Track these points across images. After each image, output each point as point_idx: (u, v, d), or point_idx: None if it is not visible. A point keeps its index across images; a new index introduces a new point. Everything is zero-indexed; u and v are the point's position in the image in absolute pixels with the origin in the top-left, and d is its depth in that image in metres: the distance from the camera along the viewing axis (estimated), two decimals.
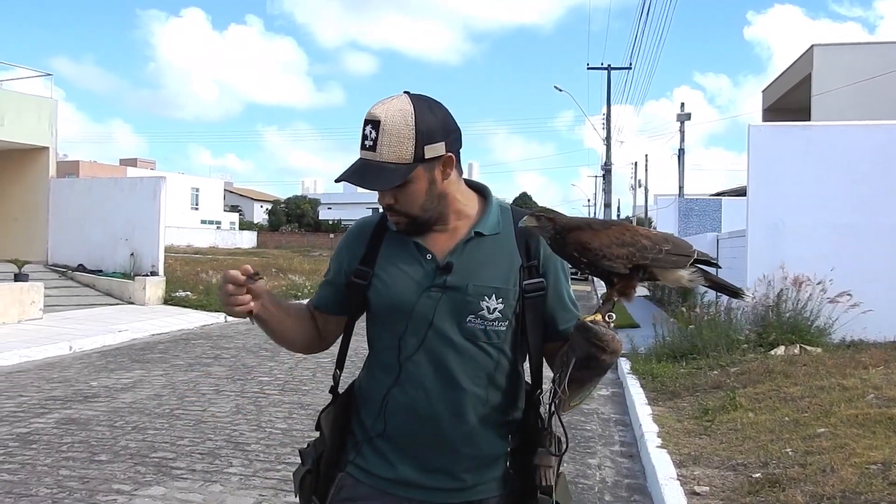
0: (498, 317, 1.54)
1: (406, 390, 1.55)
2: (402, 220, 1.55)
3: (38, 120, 16.06)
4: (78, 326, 11.12)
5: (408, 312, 1.54)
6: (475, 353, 1.54)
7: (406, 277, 1.56)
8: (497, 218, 1.61)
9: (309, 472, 1.64)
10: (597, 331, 1.36)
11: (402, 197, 1.52)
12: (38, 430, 5.62)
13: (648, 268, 1.39)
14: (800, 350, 7.79)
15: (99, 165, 53.25)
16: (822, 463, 4.29)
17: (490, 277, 1.55)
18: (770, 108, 22.56)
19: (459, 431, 1.54)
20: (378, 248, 1.62)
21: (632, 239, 1.38)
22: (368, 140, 1.48)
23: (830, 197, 8.83)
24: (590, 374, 1.41)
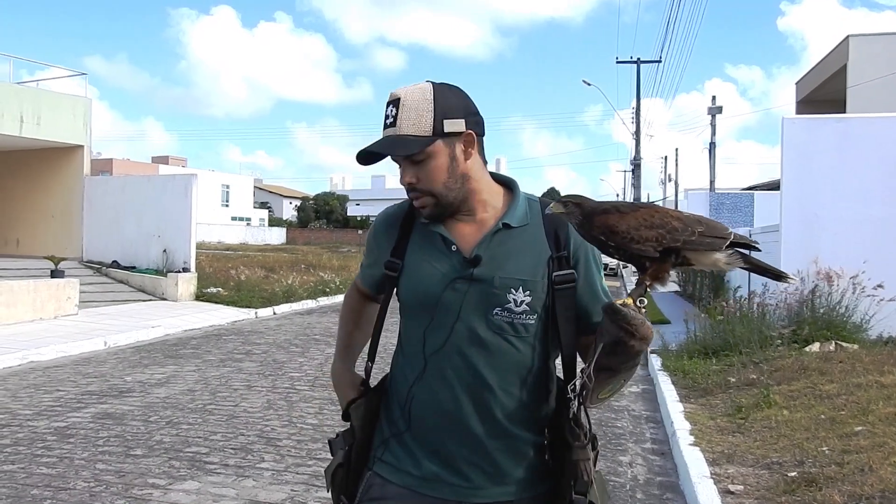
0: (525, 310, 1.51)
1: (431, 385, 1.53)
2: (426, 202, 1.53)
3: (72, 118, 16.34)
4: (112, 322, 11.31)
5: (433, 305, 1.53)
6: (502, 347, 1.52)
7: (432, 269, 1.55)
8: (525, 209, 1.59)
9: (340, 465, 1.63)
10: (626, 313, 1.30)
11: (423, 174, 1.51)
12: (75, 424, 5.73)
13: (680, 251, 1.32)
14: (835, 347, 7.65)
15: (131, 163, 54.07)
16: (859, 462, 4.21)
17: (517, 269, 1.52)
18: (804, 101, 22.17)
19: (487, 428, 1.52)
20: (407, 239, 1.61)
21: (661, 221, 1.32)
22: (389, 118, 1.50)
23: (866, 190, 8.66)
24: (617, 361, 1.35)
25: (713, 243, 1.32)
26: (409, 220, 1.63)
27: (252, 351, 9.52)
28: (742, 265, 1.36)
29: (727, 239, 1.33)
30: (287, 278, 17.36)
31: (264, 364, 8.52)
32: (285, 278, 17.37)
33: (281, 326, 12.30)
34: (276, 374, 7.89)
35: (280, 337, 10.91)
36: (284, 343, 10.26)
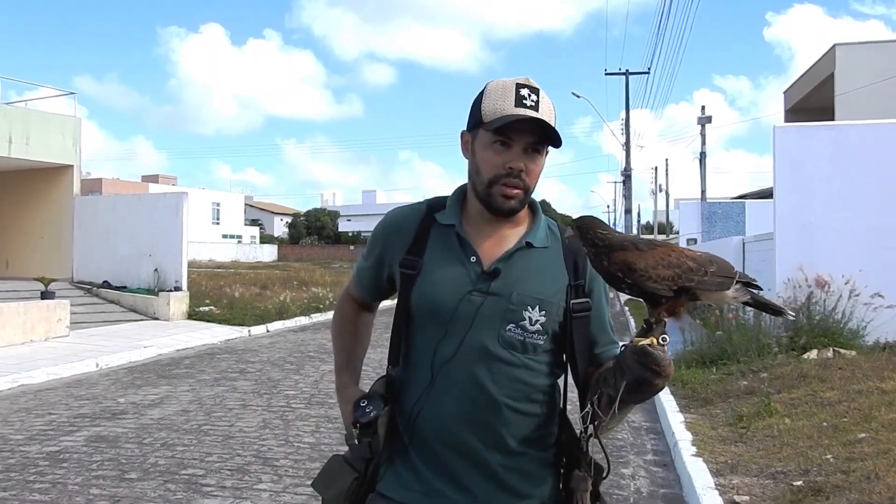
0: (539, 329, 1.50)
1: (439, 399, 1.50)
2: (519, 195, 1.51)
3: (62, 138, 16.26)
4: (104, 343, 11.19)
5: (448, 316, 1.49)
6: (511, 364, 1.49)
7: (449, 277, 1.51)
8: (546, 232, 1.58)
9: (357, 479, 1.55)
10: (656, 355, 1.31)
11: (530, 167, 1.50)
12: (67, 448, 5.63)
13: (693, 290, 1.35)
14: (833, 353, 7.63)
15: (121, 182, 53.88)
16: (865, 469, 4.16)
17: (536, 289, 1.51)
18: (792, 109, 22.33)
19: (492, 445, 1.49)
20: (426, 239, 1.56)
21: (678, 260, 1.34)
22: (530, 101, 1.48)
23: (860, 197, 8.68)
24: (639, 397, 1.37)
25: (723, 283, 1.36)
26: (427, 222, 1.58)
27: (246, 369, 9.42)
28: (745, 301, 1.40)
29: (734, 278, 1.37)
30: (279, 295, 17.26)
31: (259, 382, 8.43)
32: (278, 295, 17.28)
33: (275, 344, 12.20)
34: (271, 393, 7.80)
35: (274, 354, 10.82)
36: (279, 361, 10.16)
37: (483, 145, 1.50)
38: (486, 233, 1.55)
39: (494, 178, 1.49)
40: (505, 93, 1.47)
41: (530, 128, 1.46)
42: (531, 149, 1.48)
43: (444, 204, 1.60)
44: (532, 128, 1.47)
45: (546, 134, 1.48)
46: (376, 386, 1.59)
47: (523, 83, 1.48)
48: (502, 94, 1.48)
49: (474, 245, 1.53)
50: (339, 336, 1.77)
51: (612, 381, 1.37)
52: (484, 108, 1.48)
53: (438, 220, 1.58)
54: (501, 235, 1.55)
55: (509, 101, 1.46)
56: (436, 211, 1.59)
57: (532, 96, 1.47)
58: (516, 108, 1.46)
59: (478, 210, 1.56)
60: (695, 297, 1.37)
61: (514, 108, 1.46)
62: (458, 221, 1.56)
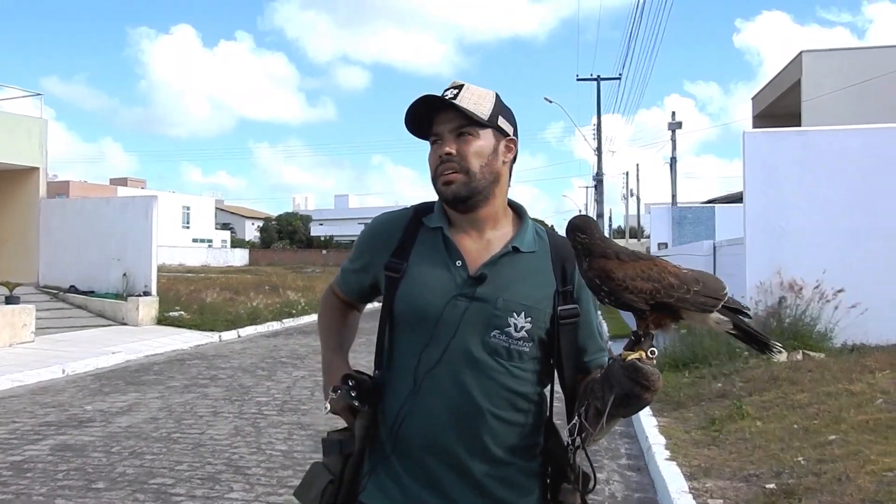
0: (524, 336, 1.48)
1: (422, 405, 1.47)
2: (458, 178, 1.50)
3: (28, 140, 15.94)
4: (71, 349, 10.97)
5: (433, 321, 1.46)
6: (496, 371, 1.47)
7: (434, 282, 1.49)
8: (533, 236, 1.57)
9: (332, 482, 1.52)
10: (645, 370, 1.28)
11: (464, 148, 1.50)
12: (32, 457, 5.49)
13: (672, 306, 1.33)
14: (803, 356, 7.73)
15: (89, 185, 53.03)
16: (836, 471, 4.21)
17: (522, 295, 1.49)
18: (760, 115, 22.67)
19: (475, 453, 1.46)
20: (412, 242, 1.55)
21: (658, 275, 1.33)
22: (449, 94, 1.50)
23: (829, 201, 8.82)
24: (627, 411, 1.35)
25: (706, 303, 1.33)
26: (414, 225, 1.57)
27: (217, 376, 9.29)
28: (731, 330, 1.38)
29: (721, 301, 1.34)
30: (251, 300, 17.09)
31: (230, 389, 8.32)
32: (249, 300, 17.10)
33: (246, 349, 12.06)
34: (242, 400, 7.69)
35: (246, 360, 10.69)
36: (250, 367, 10.04)
37: (429, 152, 1.55)
38: (472, 236, 1.54)
39: (435, 173, 1.52)
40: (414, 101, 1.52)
41: (451, 115, 1.50)
42: (458, 134, 1.50)
43: (432, 208, 1.59)
44: (453, 115, 1.49)
45: (469, 118, 1.49)
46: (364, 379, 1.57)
47: (449, 85, 1.53)
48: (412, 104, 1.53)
49: (460, 249, 1.52)
50: (328, 324, 1.74)
51: (600, 393, 1.35)
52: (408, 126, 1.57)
53: (426, 223, 1.56)
54: (487, 240, 1.54)
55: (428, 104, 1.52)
56: (423, 215, 1.59)
57: (453, 92, 1.50)
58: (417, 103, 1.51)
59: (454, 214, 1.56)
60: (678, 315, 1.35)
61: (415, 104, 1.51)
62: (446, 224, 1.55)
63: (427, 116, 1.53)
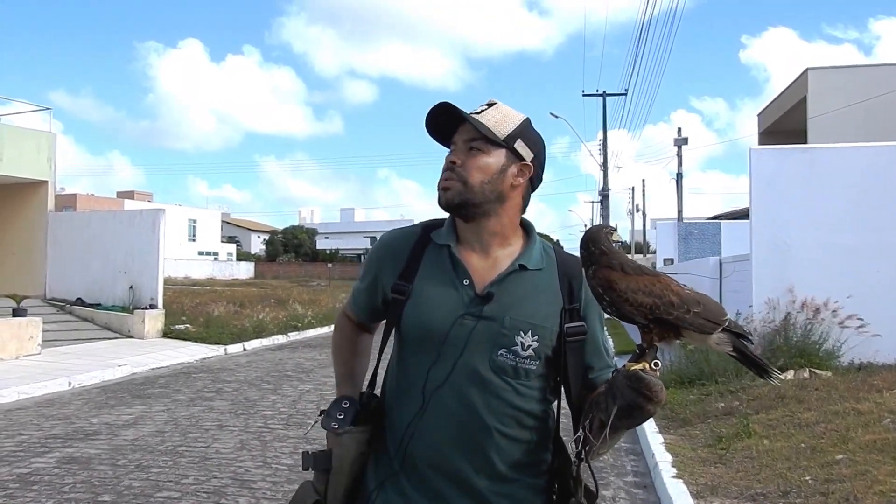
0: (531, 354, 1.49)
1: (430, 424, 1.48)
2: (455, 186, 1.51)
3: (36, 154, 16.05)
4: (77, 361, 10.99)
5: (440, 340, 1.48)
6: (503, 389, 1.48)
7: (441, 301, 1.51)
8: (540, 253, 1.58)
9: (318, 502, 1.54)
10: (649, 381, 1.31)
11: (469, 162, 1.52)
12: (38, 470, 5.50)
13: (671, 324, 1.35)
14: (809, 374, 7.70)
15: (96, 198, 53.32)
16: (844, 491, 4.19)
17: (529, 313, 1.50)
18: (766, 132, 22.69)
19: (483, 471, 1.48)
20: (418, 263, 1.56)
21: (661, 291, 1.36)
22: (478, 109, 1.54)
23: (835, 218, 8.80)
24: (631, 422, 1.37)
25: (704, 325, 1.36)
26: (421, 245, 1.59)
27: (223, 389, 9.30)
28: (730, 352, 1.40)
29: (721, 325, 1.36)
30: (257, 313, 17.11)
31: (236, 402, 8.32)
32: (255, 313, 17.12)
33: (251, 363, 12.07)
34: (248, 413, 7.70)
35: (251, 374, 10.69)
36: (256, 380, 10.04)
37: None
38: (479, 255, 1.55)
39: (439, 180, 1.55)
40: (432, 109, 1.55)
41: (467, 128, 1.52)
42: (472, 147, 1.52)
43: (442, 224, 1.61)
44: (468, 127, 1.52)
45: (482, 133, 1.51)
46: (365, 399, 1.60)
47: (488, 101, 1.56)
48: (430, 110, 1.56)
49: (467, 267, 1.53)
50: (338, 353, 1.75)
51: (604, 405, 1.37)
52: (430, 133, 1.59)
53: (434, 239, 1.58)
54: (494, 257, 1.55)
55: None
56: (431, 231, 1.60)
57: (484, 108, 1.54)
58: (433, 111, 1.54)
59: (461, 227, 1.57)
60: (678, 334, 1.38)
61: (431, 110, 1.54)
62: (454, 242, 1.56)
63: (452, 125, 1.55)
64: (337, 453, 1.53)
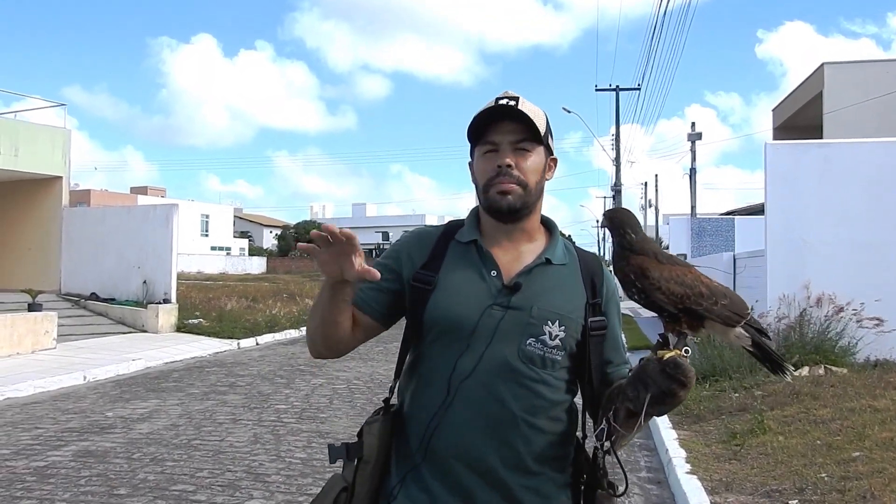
0: (558, 344, 1.50)
1: (456, 415, 1.47)
2: (515, 189, 1.52)
3: (51, 150, 16.16)
4: (91, 356, 11.08)
5: (469, 330, 1.48)
6: (531, 379, 1.48)
7: (469, 291, 1.51)
8: (563, 250, 1.60)
9: (345, 489, 1.52)
10: (685, 367, 1.32)
11: (522, 163, 1.52)
12: (55, 463, 5.55)
13: (699, 314, 1.37)
14: (825, 371, 7.65)
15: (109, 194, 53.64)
16: (861, 489, 4.16)
17: (555, 304, 1.51)
18: (781, 127, 22.51)
19: (509, 463, 1.47)
20: (443, 255, 1.56)
21: (692, 282, 1.38)
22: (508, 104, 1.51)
23: (850, 214, 8.73)
24: (661, 409, 1.37)
25: (730, 318, 1.39)
26: (445, 239, 1.59)
27: (236, 383, 9.34)
28: (749, 347, 1.44)
29: (744, 318, 1.40)
30: (269, 308, 17.17)
31: (249, 396, 8.36)
32: (268, 308, 17.18)
33: (264, 357, 12.12)
34: (261, 407, 7.73)
35: (264, 368, 10.73)
36: (269, 374, 10.08)
37: (477, 159, 1.56)
38: (505, 248, 1.56)
39: (488, 182, 1.53)
40: (486, 107, 1.54)
41: (511, 127, 1.51)
42: (518, 147, 1.52)
43: (461, 224, 1.62)
44: (513, 126, 1.51)
45: (531, 131, 1.51)
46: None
47: (502, 95, 1.54)
48: (485, 109, 1.54)
49: (495, 260, 1.54)
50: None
51: (633, 394, 1.38)
52: (470, 129, 1.55)
53: (457, 238, 1.59)
54: (520, 251, 1.56)
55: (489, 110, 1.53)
56: (454, 231, 1.61)
57: (510, 102, 1.51)
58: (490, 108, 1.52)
59: (492, 226, 1.57)
60: (700, 325, 1.39)
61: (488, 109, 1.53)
62: (479, 237, 1.57)
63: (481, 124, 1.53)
64: (367, 442, 1.52)
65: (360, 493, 1.51)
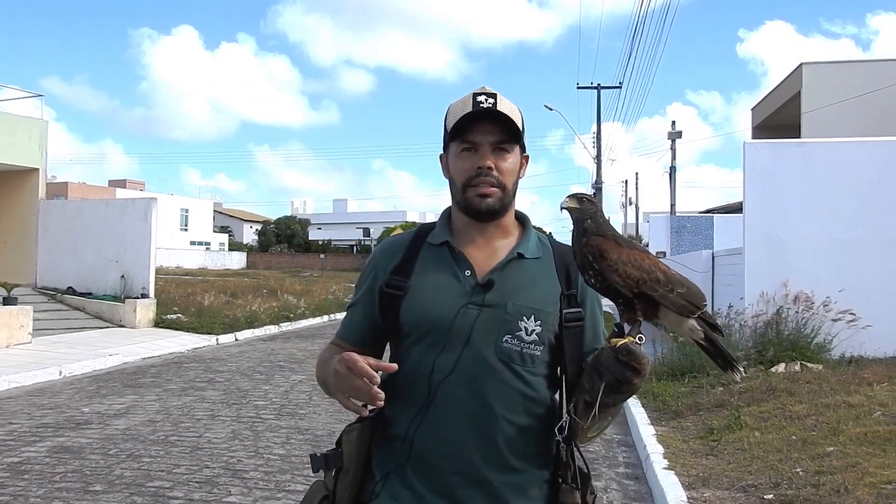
0: (535, 339, 1.49)
1: (437, 415, 1.47)
2: (495, 192, 1.52)
3: (28, 141, 15.94)
4: (68, 351, 10.95)
5: (445, 330, 1.48)
6: (510, 376, 1.48)
7: (443, 292, 1.51)
8: (537, 243, 1.60)
9: (326, 498, 1.52)
10: (638, 353, 1.32)
11: (501, 164, 1.53)
12: (29, 459, 5.48)
13: (654, 301, 1.36)
14: (801, 367, 7.73)
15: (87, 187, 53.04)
16: (835, 483, 4.21)
17: (530, 298, 1.51)
18: (760, 126, 22.73)
19: (491, 460, 1.47)
20: (414, 259, 1.56)
21: (649, 267, 1.37)
22: (486, 103, 1.50)
23: (828, 212, 8.84)
24: (617, 398, 1.37)
25: (684, 308, 1.38)
26: (417, 243, 1.59)
27: (215, 379, 9.28)
28: (701, 341, 1.42)
29: (700, 309, 1.39)
30: (250, 304, 17.07)
31: (228, 392, 8.30)
32: (248, 304, 17.08)
33: (244, 353, 12.05)
34: (240, 403, 7.68)
35: (243, 364, 10.67)
36: (248, 370, 10.02)
37: (453, 157, 1.55)
38: (479, 246, 1.56)
39: (467, 182, 1.52)
40: (463, 104, 1.53)
41: (491, 128, 1.50)
42: (497, 148, 1.52)
43: (432, 227, 1.62)
44: (493, 127, 1.51)
45: (510, 132, 1.51)
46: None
47: (479, 91, 1.53)
48: (461, 106, 1.53)
49: (469, 259, 1.54)
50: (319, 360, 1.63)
51: (589, 385, 1.38)
52: (447, 124, 1.55)
53: (429, 240, 1.58)
54: (494, 248, 1.56)
55: (467, 108, 1.51)
56: (425, 234, 1.61)
57: (489, 99, 1.51)
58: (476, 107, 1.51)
59: (465, 223, 1.57)
60: (657, 313, 1.38)
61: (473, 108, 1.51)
62: (451, 238, 1.57)
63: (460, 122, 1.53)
64: (347, 451, 1.52)
65: (342, 500, 1.52)
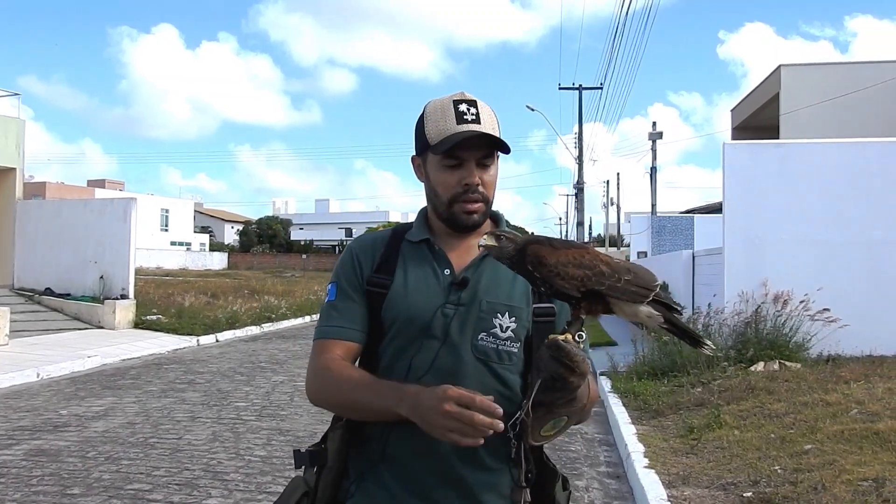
0: (510, 336, 1.49)
1: None
2: (480, 208, 1.52)
3: (4, 140, 15.75)
4: (45, 352, 10.82)
5: (424, 329, 1.47)
6: (486, 374, 1.48)
7: (423, 290, 1.51)
8: None
9: (306, 494, 1.50)
10: (569, 350, 1.29)
11: (485, 177, 1.52)
12: (5, 462, 5.41)
13: (604, 295, 1.33)
14: (779, 366, 7.81)
15: (66, 187, 52.48)
16: (812, 480, 4.26)
17: (504, 295, 1.51)
18: (739, 127, 22.92)
19: (467, 461, 1.46)
20: (395, 257, 1.55)
21: (590, 262, 1.34)
22: (470, 115, 1.48)
23: (806, 213, 8.93)
24: (555, 397, 1.33)
25: (636, 293, 1.34)
26: (396, 241, 1.59)
27: (195, 380, 9.21)
28: (663, 324, 1.38)
29: (652, 292, 1.34)
30: (230, 305, 16.96)
31: (208, 394, 8.25)
32: (229, 304, 16.97)
33: (224, 354, 11.97)
34: (220, 405, 7.63)
35: (224, 365, 10.60)
36: (229, 371, 9.96)
37: (435, 168, 1.52)
38: (454, 246, 1.56)
39: (453, 198, 1.51)
40: (444, 112, 1.49)
41: (478, 143, 1.48)
42: (481, 162, 1.50)
43: (410, 226, 1.62)
44: (479, 142, 1.48)
45: (494, 143, 1.50)
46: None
47: (459, 98, 1.50)
48: (442, 113, 1.49)
49: (448, 257, 1.54)
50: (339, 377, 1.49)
51: (530, 381, 1.37)
52: (428, 132, 1.50)
53: (408, 238, 1.58)
54: (469, 246, 1.56)
55: (450, 119, 1.48)
56: (402, 232, 1.60)
57: (471, 110, 1.48)
58: (459, 125, 1.47)
59: (441, 227, 1.57)
60: (608, 307, 1.35)
61: (456, 125, 1.47)
62: (430, 235, 1.57)
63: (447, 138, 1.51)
64: (331, 448, 1.51)
65: (322, 497, 1.51)
